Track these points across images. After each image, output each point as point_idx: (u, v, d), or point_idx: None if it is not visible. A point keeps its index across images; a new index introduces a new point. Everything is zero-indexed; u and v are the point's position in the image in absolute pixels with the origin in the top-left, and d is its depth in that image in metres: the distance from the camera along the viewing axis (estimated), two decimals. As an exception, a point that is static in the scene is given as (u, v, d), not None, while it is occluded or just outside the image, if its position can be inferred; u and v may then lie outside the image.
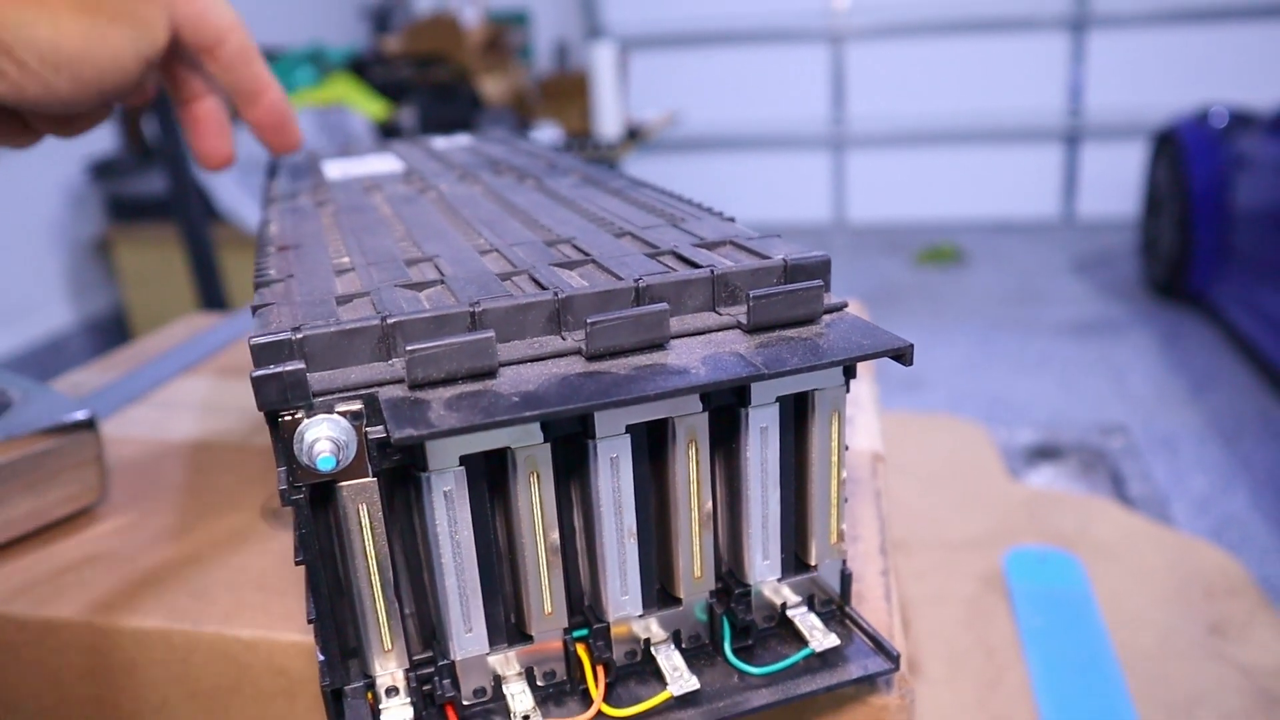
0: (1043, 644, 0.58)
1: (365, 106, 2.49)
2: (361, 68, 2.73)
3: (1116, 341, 2.74)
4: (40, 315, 2.48)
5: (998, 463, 0.80)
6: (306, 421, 0.24)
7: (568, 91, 2.86)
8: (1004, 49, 3.95)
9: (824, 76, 4.16)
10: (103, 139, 2.54)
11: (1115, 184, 3.93)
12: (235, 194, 2.18)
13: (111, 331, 2.63)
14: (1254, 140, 2.49)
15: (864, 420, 0.50)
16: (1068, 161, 4.06)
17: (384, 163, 0.57)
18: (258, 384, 0.24)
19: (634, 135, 2.63)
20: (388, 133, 2.50)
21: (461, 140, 0.66)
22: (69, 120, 0.40)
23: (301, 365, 0.24)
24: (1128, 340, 2.74)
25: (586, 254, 0.32)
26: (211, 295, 1.91)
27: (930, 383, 2.53)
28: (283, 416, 0.24)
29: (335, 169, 0.55)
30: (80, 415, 0.46)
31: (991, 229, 4.13)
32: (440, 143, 0.65)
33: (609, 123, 2.54)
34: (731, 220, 0.36)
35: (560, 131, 2.66)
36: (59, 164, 2.45)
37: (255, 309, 0.28)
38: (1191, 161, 2.70)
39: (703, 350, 0.27)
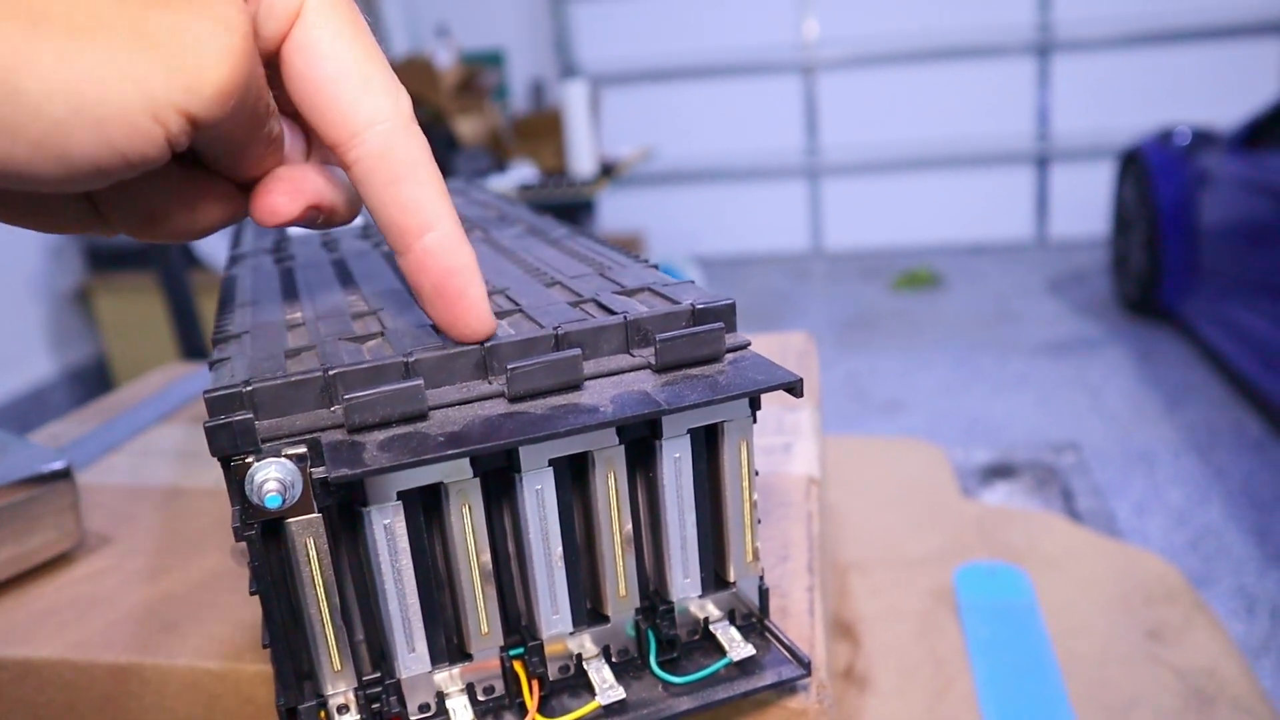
0: (989, 654, 0.61)
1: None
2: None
3: (1092, 359, 2.78)
4: (22, 366, 2.50)
5: (952, 482, 0.83)
6: (255, 465, 0.27)
7: (542, 130, 2.91)
8: (972, 76, 4.03)
9: (797, 108, 4.23)
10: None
11: (1085, 204, 4.00)
12: (214, 241, 2.21)
13: (93, 380, 2.65)
14: (1216, 158, 2.55)
15: (802, 446, 0.53)
16: (1038, 183, 4.13)
17: (346, 216, 0.60)
18: (210, 433, 0.27)
19: (608, 171, 2.68)
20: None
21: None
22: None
23: (250, 415, 0.27)
24: (1103, 357, 2.78)
25: (516, 304, 0.35)
26: (191, 343, 1.94)
27: (910, 406, 2.57)
28: (234, 461, 0.27)
29: (299, 223, 0.58)
30: (57, 465, 0.49)
31: (967, 252, 4.19)
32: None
33: (583, 160, 2.58)
34: (655, 268, 0.39)
35: (535, 170, 2.70)
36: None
37: (212, 364, 0.31)
38: (1157, 180, 2.76)
39: (614, 390, 0.30)
